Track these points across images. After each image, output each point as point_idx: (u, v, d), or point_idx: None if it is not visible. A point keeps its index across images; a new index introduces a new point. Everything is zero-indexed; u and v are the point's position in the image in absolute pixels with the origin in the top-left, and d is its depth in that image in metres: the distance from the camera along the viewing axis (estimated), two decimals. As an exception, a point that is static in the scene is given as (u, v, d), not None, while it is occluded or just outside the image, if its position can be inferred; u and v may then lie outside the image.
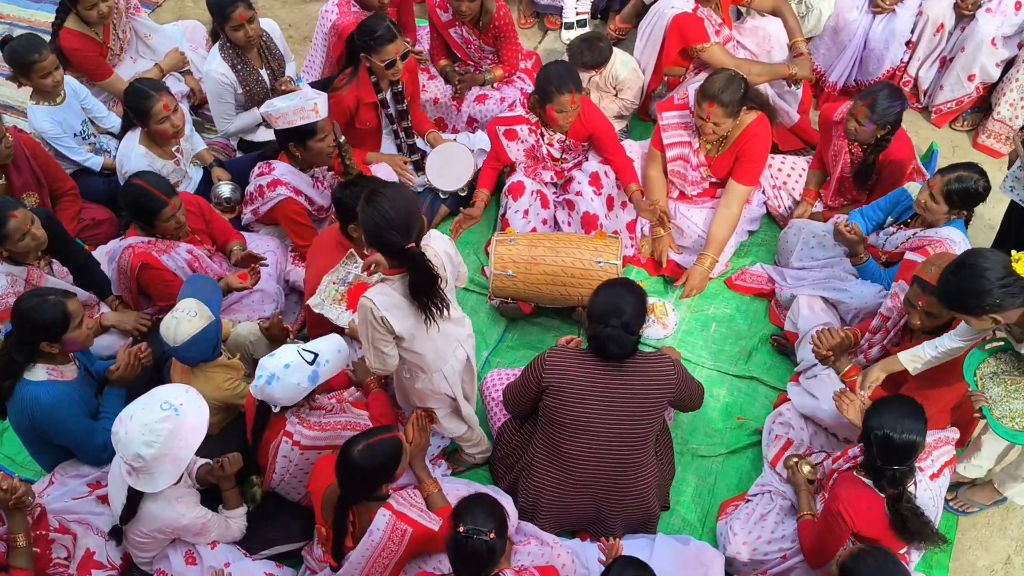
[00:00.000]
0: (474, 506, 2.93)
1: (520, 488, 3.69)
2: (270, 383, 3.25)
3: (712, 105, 4.25)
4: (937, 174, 3.83)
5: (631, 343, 3.42)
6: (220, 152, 5.02)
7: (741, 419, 4.21)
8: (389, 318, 3.11)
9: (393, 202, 2.98)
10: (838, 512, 3.16)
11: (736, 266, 4.75)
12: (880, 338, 3.80)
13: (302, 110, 4.10)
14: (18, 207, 3.74)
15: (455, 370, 3.51)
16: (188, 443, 3.11)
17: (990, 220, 4.77)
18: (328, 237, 3.88)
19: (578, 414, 3.46)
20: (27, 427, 3.49)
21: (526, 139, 4.58)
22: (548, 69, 4.41)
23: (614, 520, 3.63)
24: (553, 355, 3.54)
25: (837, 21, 5.18)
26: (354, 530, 3.22)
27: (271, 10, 6.04)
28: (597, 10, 5.92)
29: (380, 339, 3.18)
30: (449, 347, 3.44)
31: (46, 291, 3.46)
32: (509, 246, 4.23)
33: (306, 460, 3.46)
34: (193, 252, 4.05)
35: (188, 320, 3.46)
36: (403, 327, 3.16)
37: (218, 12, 4.60)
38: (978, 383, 3.28)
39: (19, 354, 3.42)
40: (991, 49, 5.00)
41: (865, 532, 3.18)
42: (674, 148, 4.58)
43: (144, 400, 3.13)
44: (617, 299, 3.45)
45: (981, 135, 5.30)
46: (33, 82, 4.44)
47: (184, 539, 3.41)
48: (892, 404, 3.15)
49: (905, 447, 3.05)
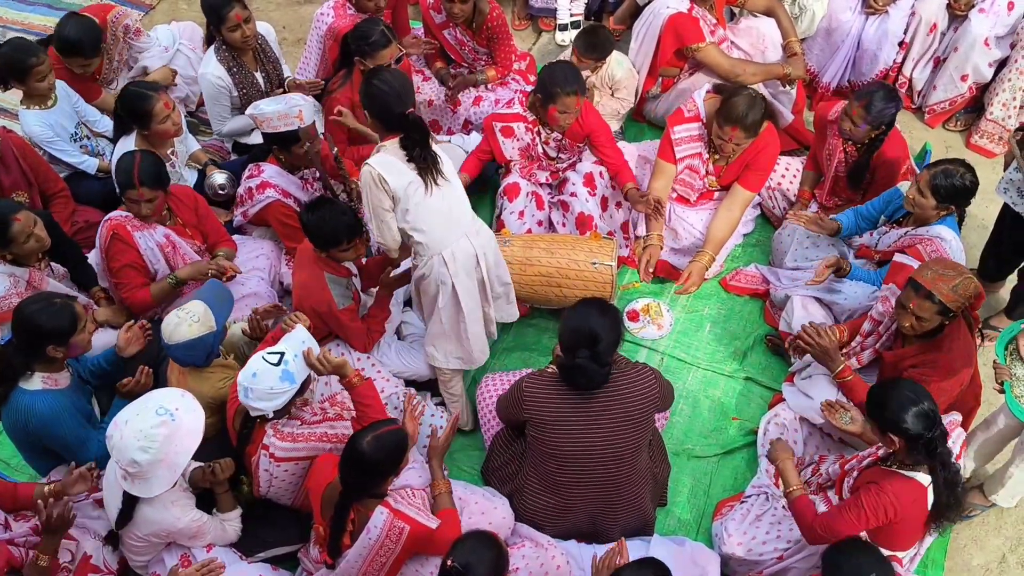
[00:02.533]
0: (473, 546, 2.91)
1: (515, 507, 3.67)
2: (247, 396, 3.25)
3: (735, 129, 4.29)
4: (924, 169, 3.86)
5: (600, 375, 3.30)
6: (214, 154, 5.01)
7: (736, 419, 4.22)
8: (385, 175, 3.47)
9: (390, 76, 3.58)
10: (884, 506, 3.07)
11: (731, 267, 4.76)
12: (872, 341, 3.81)
13: (286, 116, 4.10)
14: (20, 209, 3.73)
15: (457, 260, 3.66)
16: (184, 448, 3.10)
17: (984, 220, 4.78)
18: (309, 250, 3.86)
19: (562, 443, 3.42)
20: (21, 435, 3.49)
21: (522, 137, 4.58)
22: (553, 69, 4.38)
23: (612, 530, 3.61)
24: (531, 384, 3.45)
25: (830, 22, 5.19)
26: (352, 529, 3.22)
27: (264, 12, 6.04)
28: (591, 12, 5.93)
29: (380, 205, 3.54)
30: (451, 232, 3.65)
31: (49, 295, 3.46)
32: (504, 247, 4.23)
33: (285, 472, 3.45)
34: (171, 237, 4.03)
35: (188, 324, 3.46)
36: (398, 183, 3.49)
37: (214, 13, 4.58)
38: (1007, 357, 3.26)
39: (20, 360, 3.41)
40: (984, 49, 5.01)
41: (902, 524, 3.14)
42: (685, 160, 4.59)
43: (139, 404, 3.12)
44: (588, 324, 3.28)
45: (974, 135, 5.32)
46: (28, 85, 4.40)
47: (180, 543, 3.40)
48: (894, 385, 3.12)
49: (927, 415, 3.00)
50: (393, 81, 3.53)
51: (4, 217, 3.67)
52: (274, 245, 4.51)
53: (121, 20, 5.00)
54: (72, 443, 3.49)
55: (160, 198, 3.94)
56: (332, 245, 3.74)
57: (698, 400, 4.31)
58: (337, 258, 3.82)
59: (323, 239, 3.73)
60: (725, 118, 4.30)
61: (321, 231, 3.71)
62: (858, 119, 4.17)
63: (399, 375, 4.10)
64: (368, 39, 4.40)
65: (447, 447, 3.56)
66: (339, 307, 3.79)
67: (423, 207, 3.56)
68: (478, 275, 3.78)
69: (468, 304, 3.77)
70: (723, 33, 5.01)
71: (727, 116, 4.29)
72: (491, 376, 4.11)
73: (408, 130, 3.50)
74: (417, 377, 4.16)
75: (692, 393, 4.33)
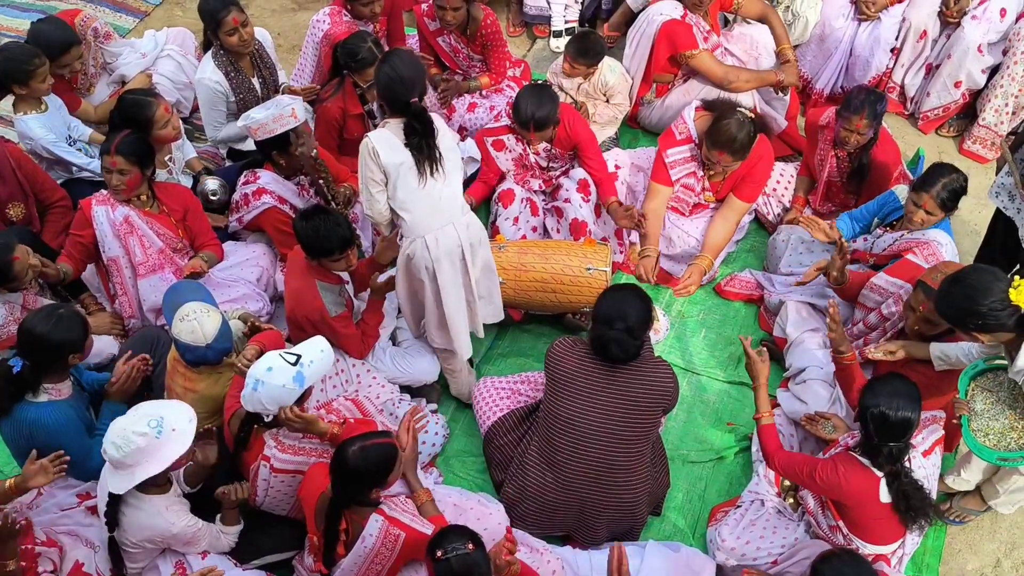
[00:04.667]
0: (443, 533, 2.97)
1: (507, 479, 3.71)
2: (256, 389, 3.24)
3: (723, 154, 4.32)
4: (922, 191, 3.88)
5: (634, 347, 3.47)
6: (209, 161, 5.01)
7: (731, 424, 4.23)
8: (379, 149, 3.60)
9: (404, 62, 3.58)
10: (832, 482, 3.21)
11: (725, 272, 4.77)
12: (877, 336, 3.86)
13: (281, 117, 4.09)
14: (14, 247, 3.75)
15: (440, 244, 3.70)
16: (147, 470, 3.07)
17: (976, 225, 4.80)
18: (299, 257, 3.86)
19: (572, 407, 3.49)
20: (24, 446, 3.48)
21: (513, 148, 4.59)
22: (517, 104, 4.33)
23: (599, 527, 3.63)
24: (559, 344, 3.61)
25: (823, 29, 5.22)
26: (347, 538, 3.21)
27: (260, 19, 6.05)
28: (585, 18, 5.95)
29: (371, 176, 3.66)
30: (437, 219, 3.71)
31: (51, 308, 3.47)
32: (499, 253, 4.24)
33: (282, 483, 3.45)
34: (131, 219, 4.03)
35: (207, 316, 3.46)
36: (390, 160, 3.61)
37: (211, 18, 4.57)
38: (969, 393, 3.31)
39: (33, 378, 3.40)
40: (977, 56, 5.04)
41: (858, 509, 3.24)
42: (680, 180, 4.60)
43: (143, 407, 3.14)
44: (623, 303, 3.50)
45: (967, 141, 5.34)
46: (30, 88, 4.38)
47: (175, 549, 3.39)
48: (887, 382, 3.20)
49: (901, 424, 3.11)
50: (403, 68, 3.56)
51: (4, 260, 3.71)
52: (268, 249, 4.50)
53: (89, 23, 4.99)
54: (77, 454, 3.48)
55: (135, 176, 3.95)
56: (324, 255, 3.74)
57: (693, 405, 4.31)
58: (328, 267, 3.82)
59: (315, 248, 3.74)
60: (713, 142, 4.32)
61: (313, 240, 3.71)
62: (865, 128, 4.21)
63: (394, 381, 4.10)
64: (355, 56, 4.43)
65: (414, 457, 3.50)
66: (332, 315, 3.79)
67: (413, 191, 3.65)
68: (462, 267, 3.81)
69: (450, 293, 3.80)
70: (717, 40, 5.03)
71: (715, 141, 4.31)
72: (486, 380, 4.10)
73: (410, 118, 3.58)
74: (412, 383, 4.17)
75: (687, 398, 4.33)
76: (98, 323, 4.13)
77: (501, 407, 3.92)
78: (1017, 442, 3.25)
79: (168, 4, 6.15)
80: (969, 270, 3.20)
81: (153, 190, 4.13)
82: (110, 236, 4.03)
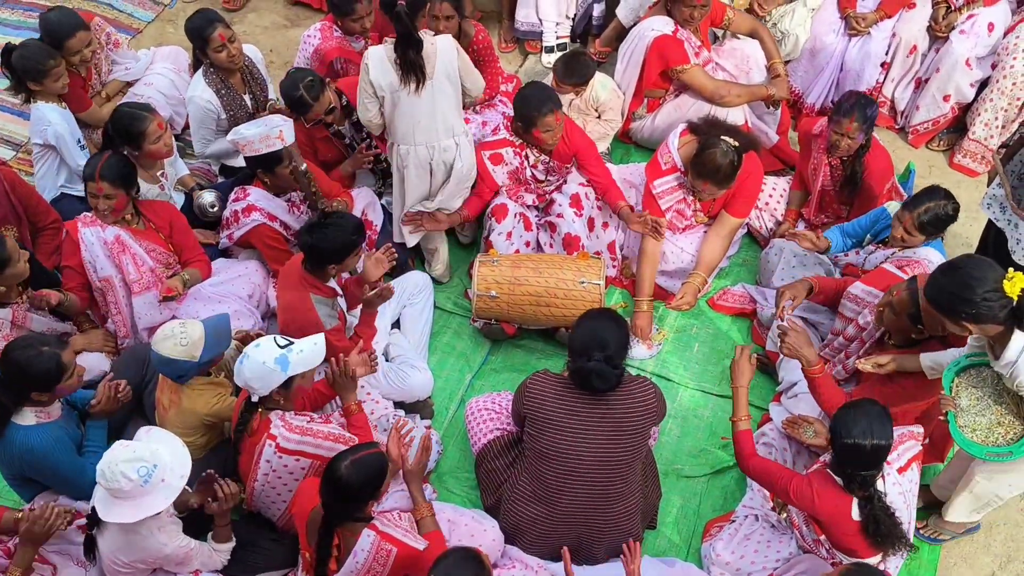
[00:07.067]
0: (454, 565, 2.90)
1: (503, 512, 3.67)
2: (242, 362, 3.32)
3: (707, 184, 4.32)
4: (905, 210, 3.89)
5: (615, 377, 3.39)
6: (201, 177, 5.00)
7: (725, 439, 4.22)
8: (371, 66, 4.09)
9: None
10: (805, 497, 3.21)
11: (718, 286, 4.77)
12: (856, 348, 3.86)
13: (267, 138, 4.09)
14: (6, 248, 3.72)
15: (411, 157, 4.30)
16: (122, 513, 3.05)
17: (968, 239, 4.82)
18: (293, 270, 3.86)
19: (559, 444, 3.44)
20: (16, 468, 3.47)
21: (511, 161, 4.59)
22: (524, 94, 4.43)
23: (597, 548, 3.61)
24: (534, 382, 3.52)
25: (814, 44, 5.24)
26: (339, 554, 3.19)
27: (251, 36, 6.05)
28: (576, 34, 5.97)
29: (364, 88, 4.18)
30: (420, 135, 4.24)
31: (38, 340, 3.43)
32: (492, 267, 4.24)
33: (285, 467, 3.44)
34: (121, 238, 4.01)
35: (175, 343, 3.45)
36: (379, 79, 4.12)
37: (197, 35, 4.58)
38: (953, 389, 3.32)
39: (9, 399, 3.40)
40: (965, 70, 5.07)
41: (832, 527, 3.24)
42: (671, 208, 4.60)
43: (135, 447, 3.09)
44: (600, 331, 3.40)
45: (957, 155, 5.36)
46: (44, 86, 4.41)
47: (167, 568, 3.35)
48: (860, 410, 3.16)
49: (875, 453, 3.10)
50: None
51: None
52: (260, 265, 4.49)
53: (103, 28, 5.03)
54: (69, 474, 3.47)
55: (121, 199, 3.96)
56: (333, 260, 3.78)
57: (687, 420, 4.31)
58: (331, 274, 3.83)
59: (328, 253, 3.76)
60: (697, 173, 4.32)
61: (329, 246, 3.75)
62: (855, 132, 4.20)
63: (387, 396, 4.08)
64: (293, 100, 4.38)
65: (422, 470, 3.51)
66: (326, 327, 3.78)
67: (406, 102, 4.15)
68: (428, 179, 4.38)
69: (411, 194, 4.43)
70: (708, 55, 5.05)
71: (699, 171, 4.31)
72: (477, 400, 4.07)
73: (398, 30, 3.95)
74: (406, 398, 4.15)
75: (681, 413, 4.32)
76: (90, 340, 4.12)
77: (491, 428, 3.90)
78: (1004, 437, 3.26)
79: (160, 21, 6.16)
80: (964, 258, 3.13)
81: (137, 208, 4.13)
82: (102, 256, 4.00)
